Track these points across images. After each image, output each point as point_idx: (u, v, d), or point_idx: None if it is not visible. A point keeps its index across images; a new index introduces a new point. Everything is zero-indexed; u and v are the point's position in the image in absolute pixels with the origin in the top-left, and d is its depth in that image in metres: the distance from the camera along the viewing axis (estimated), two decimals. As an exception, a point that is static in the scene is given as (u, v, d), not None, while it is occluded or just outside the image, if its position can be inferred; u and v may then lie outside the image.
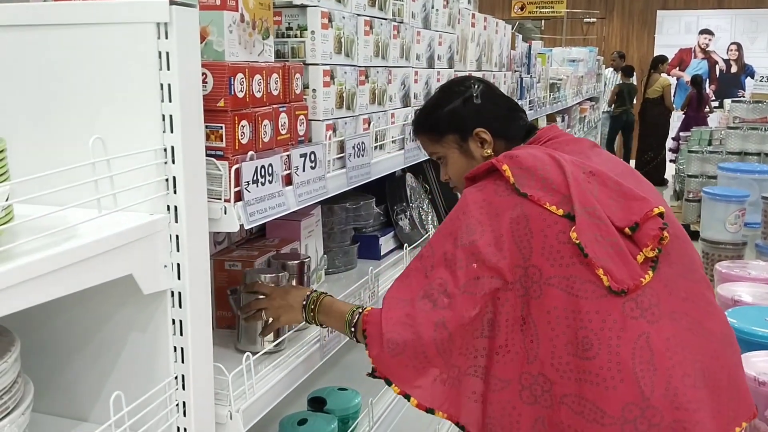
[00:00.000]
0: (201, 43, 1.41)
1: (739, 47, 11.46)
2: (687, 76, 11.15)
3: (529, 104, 4.46)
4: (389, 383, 1.44)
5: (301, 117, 1.63)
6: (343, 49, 1.83)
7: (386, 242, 2.54)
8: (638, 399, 1.31)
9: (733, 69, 11.32)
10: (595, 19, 11.76)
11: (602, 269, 1.35)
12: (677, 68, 11.33)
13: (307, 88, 1.72)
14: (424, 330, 1.40)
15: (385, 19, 2.09)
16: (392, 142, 2.20)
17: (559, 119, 6.08)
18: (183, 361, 1.31)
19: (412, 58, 2.35)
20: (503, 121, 1.67)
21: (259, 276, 1.66)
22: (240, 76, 1.38)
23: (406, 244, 2.44)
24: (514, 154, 1.51)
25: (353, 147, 1.84)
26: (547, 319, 1.37)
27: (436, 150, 1.73)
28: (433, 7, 2.55)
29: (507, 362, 1.40)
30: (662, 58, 9.90)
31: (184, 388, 1.31)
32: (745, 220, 4.69)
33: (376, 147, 2.06)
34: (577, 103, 7.28)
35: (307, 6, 1.71)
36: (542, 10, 11.59)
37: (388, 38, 2.11)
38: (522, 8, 12.13)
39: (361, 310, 1.53)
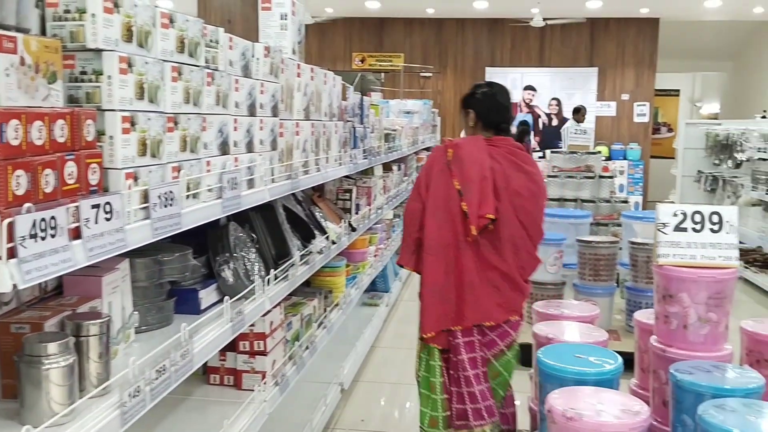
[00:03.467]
0: (-28, 85, 1.29)
1: (559, 102, 12.54)
2: (513, 128, 11.97)
3: (364, 153, 4.55)
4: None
5: (94, 165, 1.53)
6: (146, 95, 1.75)
7: (207, 295, 2.43)
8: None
9: (554, 122, 12.33)
10: (431, 74, 12.38)
11: (465, 204, 2.80)
12: (505, 121, 12.17)
13: (104, 134, 1.62)
14: (405, 227, 3.03)
15: (197, 66, 2.04)
16: (208, 190, 2.13)
17: (395, 167, 6.26)
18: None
19: (231, 105, 2.31)
20: (484, 114, 3.00)
21: (39, 343, 1.51)
22: (14, 122, 1.27)
23: (227, 297, 2.35)
24: (461, 144, 2.96)
25: (159, 196, 1.75)
26: (432, 222, 2.88)
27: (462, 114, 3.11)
28: (253, 56, 2.54)
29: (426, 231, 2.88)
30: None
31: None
32: (564, 262, 5.03)
33: (189, 196, 1.98)
34: (414, 153, 7.54)
35: (102, 50, 1.62)
36: (381, 64, 12.05)
37: (201, 85, 2.06)
38: (363, 61, 12.52)
39: None
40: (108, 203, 1.52)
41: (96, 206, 1.48)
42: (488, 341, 2.87)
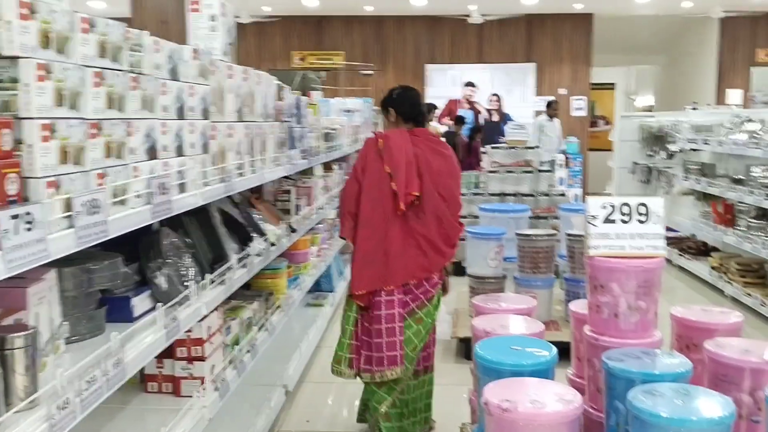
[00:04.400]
0: None
1: (499, 98, 12.72)
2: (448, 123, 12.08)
3: (302, 153, 4.53)
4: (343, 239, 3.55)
5: (12, 175, 1.49)
6: (66, 101, 1.71)
7: (141, 302, 2.39)
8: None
9: (495, 117, 12.50)
10: (372, 72, 12.41)
11: (394, 184, 3.35)
12: (447, 117, 12.26)
13: (22, 143, 1.58)
14: (342, 207, 3.52)
15: (120, 70, 2.00)
16: (136, 196, 2.09)
17: (336, 167, 6.25)
18: None
19: (157, 109, 2.27)
20: (402, 111, 3.56)
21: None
22: None
23: (160, 303, 2.32)
24: (389, 135, 3.48)
25: (82, 204, 1.71)
26: (367, 200, 3.41)
27: (383, 116, 3.67)
28: (181, 59, 2.50)
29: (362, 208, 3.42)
30: (430, 107, 10.61)
31: None
32: (504, 256, 5.12)
33: (115, 203, 1.95)
34: (355, 151, 7.55)
35: (19, 57, 1.58)
36: (322, 62, 12.01)
37: (125, 89, 2.02)
38: (303, 59, 12.46)
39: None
40: (28, 213, 1.48)
41: (15, 216, 1.44)
42: (411, 297, 3.44)
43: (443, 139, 4.48)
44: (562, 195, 6.92)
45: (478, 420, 2.71)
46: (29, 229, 1.49)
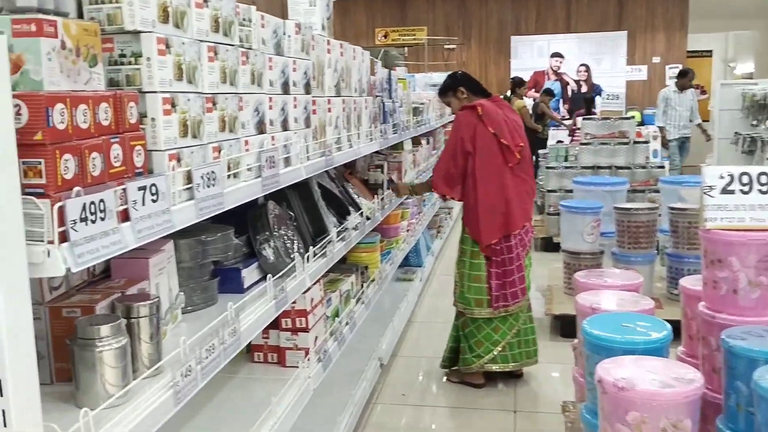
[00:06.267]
0: (16, 72, 1.29)
1: (588, 68, 12.30)
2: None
3: (393, 128, 4.51)
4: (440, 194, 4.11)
5: (138, 147, 1.52)
6: (184, 75, 1.74)
7: (250, 274, 2.44)
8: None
9: (583, 89, 12.11)
10: (455, 46, 12.22)
11: (504, 140, 3.83)
12: (533, 89, 11.97)
13: (146, 117, 1.61)
14: (447, 174, 3.91)
15: (232, 45, 2.02)
16: (248, 169, 2.12)
17: (424, 141, 6.20)
18: (5, 425, 1.16)
19: (265, 84, 2.29)
20: (471, 86, 4.06)
21: (92, 326, 1.52)
22: (60, 106, 1.26)
23: (269, 275, 2.35)
24: (483, 104, 3.89)
25: (201, 177, 1.75)
26: (482, 161, 3.84)
27: (447, 100, 4.14)
28: (285, 34, 2.51)
29: (469, 181, 3.88)
30: (519, 82, 10.37)
31: (6, 456, 1.16)
32: (601, 230, 4.96)
33: (229, 176, 1.98)
34: (441, 126, 7.48)
35: (140, 32, 1.61)
36: (404, 38, 11.92)
37: (236, 64, 2.04)
38: (386, 36, 12.40)
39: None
40: (154, 185, 1.52)
41: (142, 188, 1.48)
42: (523, 239, 3.92)
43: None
44: (661, 167, 6.63)
45: (585, 398, 2.64)
46: (155, 201, 1.53)
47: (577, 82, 12.31)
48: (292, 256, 2.61)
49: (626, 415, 2.07)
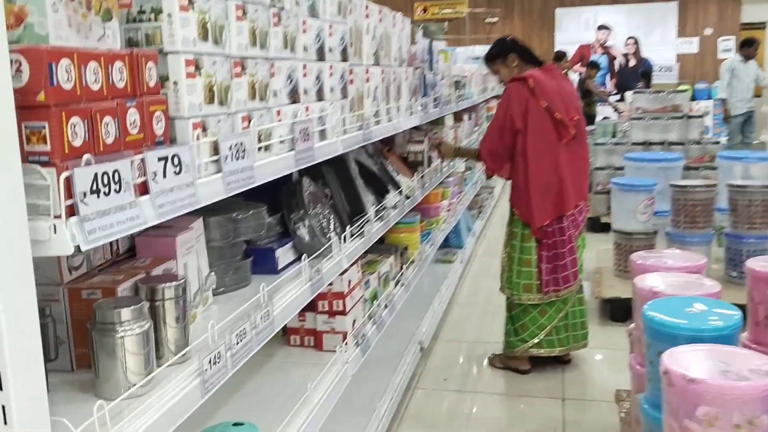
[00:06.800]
0: (19, 25, 1.15)
1: (636, 41, 11.83)
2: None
3: (434, 102, 4.31)
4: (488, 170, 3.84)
5: (158, 113, 1.38)
6: (210, 35, 1.59)
7: (284, 254, 2.30)
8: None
9: (632, 62, 11.65)
10: (497, 19, 11.88)
11: (558, 114, 3.52)
12: (579, 64, 11.57)
13: (167, 80, 1.47)
14: (494, 151, 3.68)
15: (261, 4, 1.85)
16: (280, 142, 1.97)
17: (465, 117, 5.99)
18: (5, 423, 1.04)
19: (299, 49, 2.13)
20: (522, 53, 3.76)
21: (112, 309, 1.39)
22: (65, 62, 1.12)
23: (305, 255, 2.21)
24: (534, 75, 3.57)
25: (229, 148, 1.60)
26: (534, 138, 3.55)
27: (495, 67, 3.82)
28: (320, -6, 2.34)
29: (518, 159, 3.62)
30: (561, 55, 10.01)
31: (8, 456, 1.04)
32: (655, 209, 4.70)
33: (260, 148, 1.83)
34: (484, 101, 7.24)
35: (161, -15, 1.46)
36: (444, 11, 11.61)
37: (267, 26, 1.88)
38: (425, 11, 12.12)
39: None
40: (176, 155, 1.37)
41: (163, 159, 1.33)
42: (576, 220, 3.68)
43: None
44: (717, 143, 6.30)
45: (644, 389, 2.45)
46: (177, 173, 1.38)
47: (625, 56, 11.86)
48: (328, 236, 2.46)
49: (696, 410, 1.87)
